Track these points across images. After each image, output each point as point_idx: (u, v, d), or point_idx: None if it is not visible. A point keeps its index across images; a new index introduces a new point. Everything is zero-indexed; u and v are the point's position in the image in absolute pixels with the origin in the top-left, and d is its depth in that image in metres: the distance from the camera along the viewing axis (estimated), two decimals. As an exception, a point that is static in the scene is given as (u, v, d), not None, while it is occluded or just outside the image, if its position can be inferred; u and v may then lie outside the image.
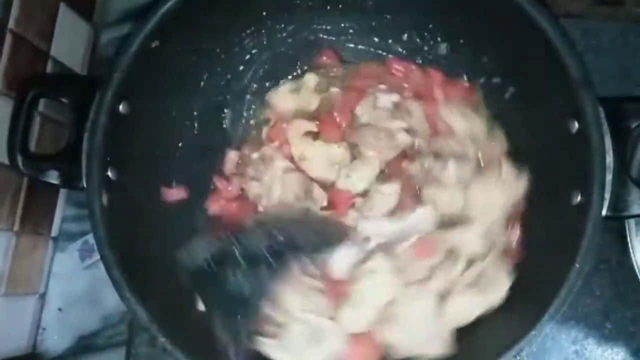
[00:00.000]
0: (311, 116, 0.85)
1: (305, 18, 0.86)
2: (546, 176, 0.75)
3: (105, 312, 0.94)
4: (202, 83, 0.84)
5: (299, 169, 0.83)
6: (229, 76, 0.87)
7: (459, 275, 0.75)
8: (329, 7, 0.85)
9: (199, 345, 0.71)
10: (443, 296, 0.75)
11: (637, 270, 0.83)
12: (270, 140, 0.86)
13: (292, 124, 0.84)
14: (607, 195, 0.67)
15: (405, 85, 0.85)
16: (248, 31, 0.85)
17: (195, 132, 0.86)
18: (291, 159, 0.84)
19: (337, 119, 0.84)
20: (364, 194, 0.81)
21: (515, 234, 0.78)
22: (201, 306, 0.76)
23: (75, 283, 0.94)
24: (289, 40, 0.88)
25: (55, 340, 0.93)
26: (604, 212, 0.67)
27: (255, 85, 0.89)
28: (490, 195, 0.77)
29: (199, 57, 0.82)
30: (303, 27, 0.87)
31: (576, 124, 0.69)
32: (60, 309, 0.94)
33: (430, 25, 0.85)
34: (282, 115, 0.86)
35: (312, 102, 0.85)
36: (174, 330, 0.71)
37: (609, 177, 0.67)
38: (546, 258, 0.72)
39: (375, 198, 0.79)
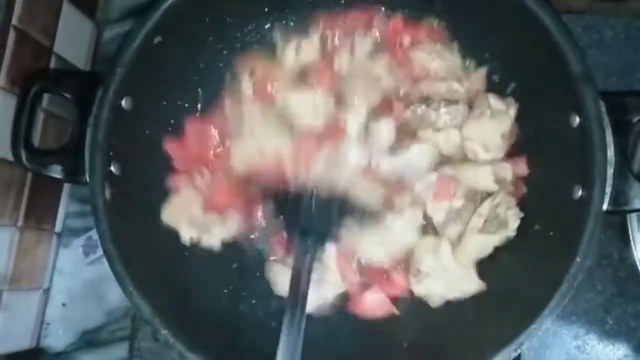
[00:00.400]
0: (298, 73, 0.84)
1: (309, 13, 0.86)
2: (547, 171, 0.75)
3: (109, 307, 0.94)
4: (204, 78, 0.84)
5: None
6: (231, 72, 0.87)
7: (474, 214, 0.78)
8: (331, 3, 0.85)
9: (202, 338, 0.72)
10: (459, 239, 0.78)
11: (638, 266, 0.83)
12: (256, 95, 0.83)
13: (277, 78, 0.83)
14: (609, 190, 0.67)
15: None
16: (250, 27, 0.85)
17: (198, 127, 0.86)
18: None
19: (324, 71, 0.82)
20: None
21: (522, 167, 0.78)
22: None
23: (79, 278, 0.95)
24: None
25: (59, 335, 0.94)
26: (605, 207, 0.67)
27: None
28: (486, 128, 0.78)
29: (202, 53, 0.82)
30: (306, 23, 0.87)
31: (577, 118, 0.69)
32: (64, 304, 0.95)
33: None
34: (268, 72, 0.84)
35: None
36: (176, 324, 0.71)
37: (610, 171, 0.67)
38: (547, 252, 0.72)
39: (372, 135, 0.80)
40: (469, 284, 0.78)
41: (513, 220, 0.77)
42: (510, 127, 0.78)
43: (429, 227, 0.81)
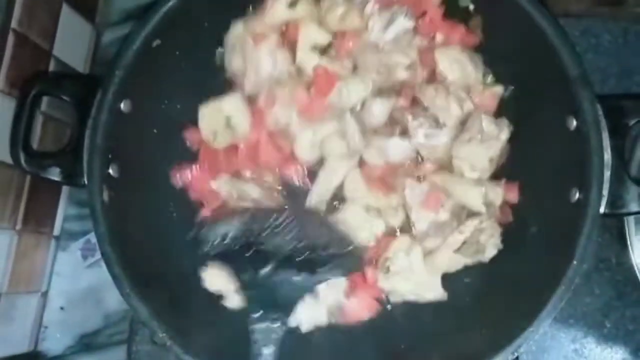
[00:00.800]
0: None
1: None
2: (544, 173, 0.75)
3: (106, 311, 0.94)
4: (204, 81, 0.84)
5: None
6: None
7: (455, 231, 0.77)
8: None
9: (199, 341, 0.72)
10: (431, 251, 0.78)
11: (636, 270, 0.84)
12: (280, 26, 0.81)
13: (306, 28, 0.80)
14: (605, 193, 0.68)
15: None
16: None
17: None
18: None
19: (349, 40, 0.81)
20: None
21: (514, 194, 0.78)
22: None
23: (77, 282, 0.95)
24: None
25: (57, 338, 0.94)
26: (602, 210, 0.68)
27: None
28: (474, 151, 0.77)
29: (201, 56, 0.82)
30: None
31: (574, 122, 0.70)
32: (62, 308, 0.95)
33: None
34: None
35: None
36: (174, 327, 0.71)
37: (607, 174, 0.68)
38: (544, 255, 0.72)
39: (367, 109, 0.80)
40: (431, 292, 0.79)
41: (491, 249, 0.77)
42: (499, 151, 0.78)
43: (408, 227, 0.81)
